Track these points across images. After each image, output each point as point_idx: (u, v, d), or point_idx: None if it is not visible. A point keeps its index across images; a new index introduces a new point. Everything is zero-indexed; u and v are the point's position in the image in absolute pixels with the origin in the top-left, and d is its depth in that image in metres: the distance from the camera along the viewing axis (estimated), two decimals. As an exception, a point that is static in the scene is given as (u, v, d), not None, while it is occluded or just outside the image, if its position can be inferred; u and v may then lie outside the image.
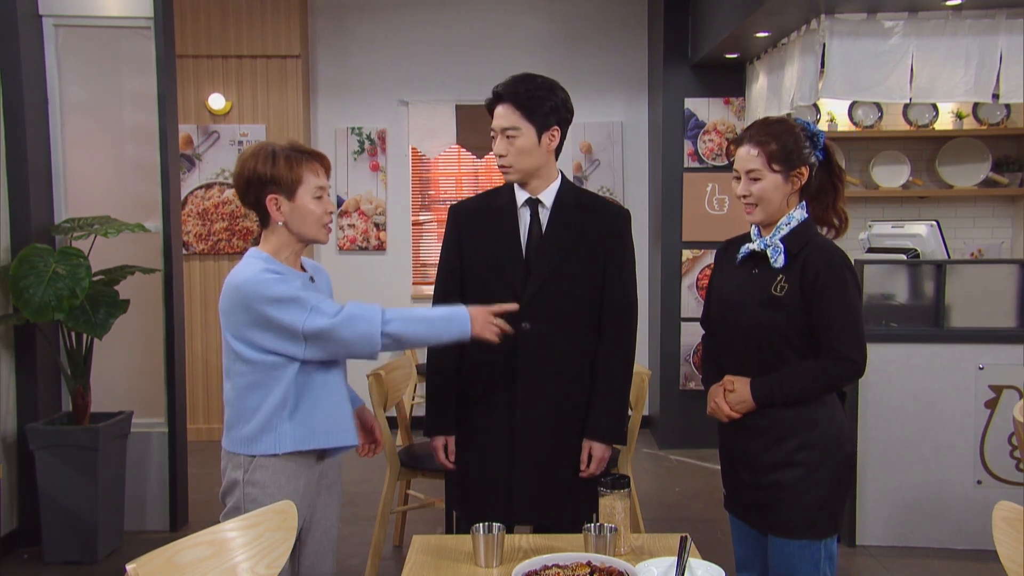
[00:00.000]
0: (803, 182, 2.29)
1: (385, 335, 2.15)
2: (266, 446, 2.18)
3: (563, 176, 2.58)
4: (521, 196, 2.54)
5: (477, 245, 2.56)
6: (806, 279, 2.23)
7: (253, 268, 2.17)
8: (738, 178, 2.32)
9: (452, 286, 2.59)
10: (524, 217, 2.53)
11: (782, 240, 2.28)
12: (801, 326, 2.24)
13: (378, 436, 2.54)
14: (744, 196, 2.30)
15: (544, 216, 2.53)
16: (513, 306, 2.31)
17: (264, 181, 2.20)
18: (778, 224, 2.29)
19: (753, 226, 2.37)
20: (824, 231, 2.38)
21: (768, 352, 2.27)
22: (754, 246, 2.32)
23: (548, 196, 2.53)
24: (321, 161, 2.27)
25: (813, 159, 2.31)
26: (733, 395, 2.31)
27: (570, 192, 2.57)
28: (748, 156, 2.28)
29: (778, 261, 2.26)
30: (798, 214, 2.30)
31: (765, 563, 2.39)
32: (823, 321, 2.22)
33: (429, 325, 2.22)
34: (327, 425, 2.23)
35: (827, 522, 2.27)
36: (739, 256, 2.37)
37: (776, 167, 2.26)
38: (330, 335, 2.12)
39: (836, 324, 2.22)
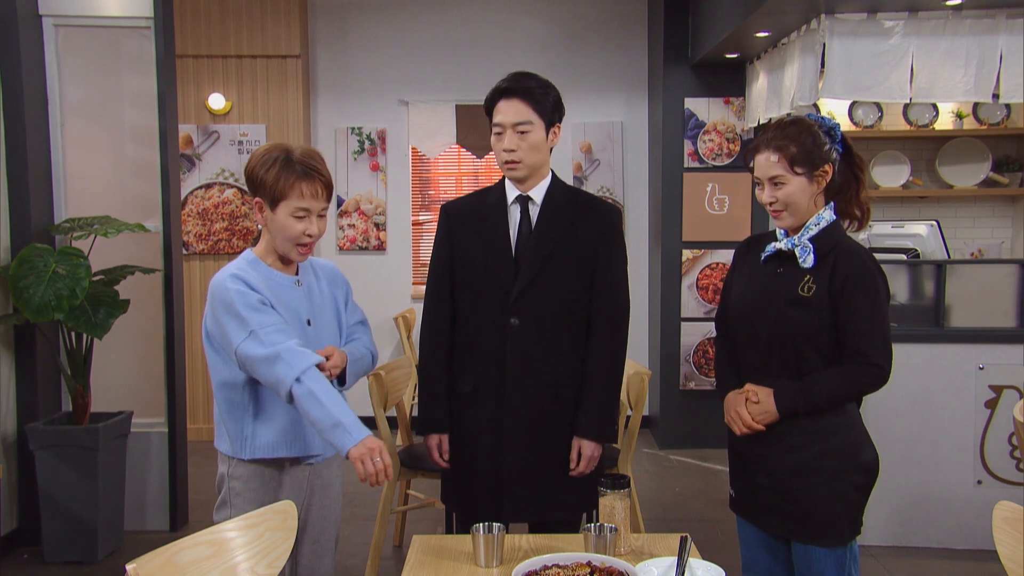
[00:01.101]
0: (828, 180, 2.26)
1: (293, 393, 2.09)
2: (235, 449, 2.25)
3: (553, 174, 2.57)
4: (512, 193, 2.53)
5: (468, 243, 2.55)
6: (835, 281, 2.19)
7: (228, 271, 2.21)
8: (761, 186, 2.29)
9: (443, 285, 2.58)
10: (514, 214, 2.53)
11: (811, 240, 2.24)
12: (827, 327, 2.21)
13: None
14: (771, 203, 2.27)
15: (534, 213, 2.52)
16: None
17: (254, 184, 2.22)
18: (806, 224, 2.26)
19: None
20: (845, 224, 2.34)
21: (791, 352, 2.24)
22: (781, 245, 2.28)
23: (538, 193, 2.52)
24: (321, 182, 2.19)
25: (834, 155, 2.27)
26: (757, 407, 2.27)
27: (560, 189, 2.56)
28: (768, 163, 2.24)
29: (807, 261, 2.23)
30: (827, 215, 2.26)
31: (773, 564, 2.39)
32: (851, 325, 2.19)
33: (323, 414, 2.06)
34: (286, 437, 2.25)
35: (849, 527, 2.25)
36: (764, 255, 2.32)
37: (799, 170, 2.22)
38: (253, 366, 2.12)
39: (864, 328, 2.18)
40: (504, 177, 2.57)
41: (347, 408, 2.11)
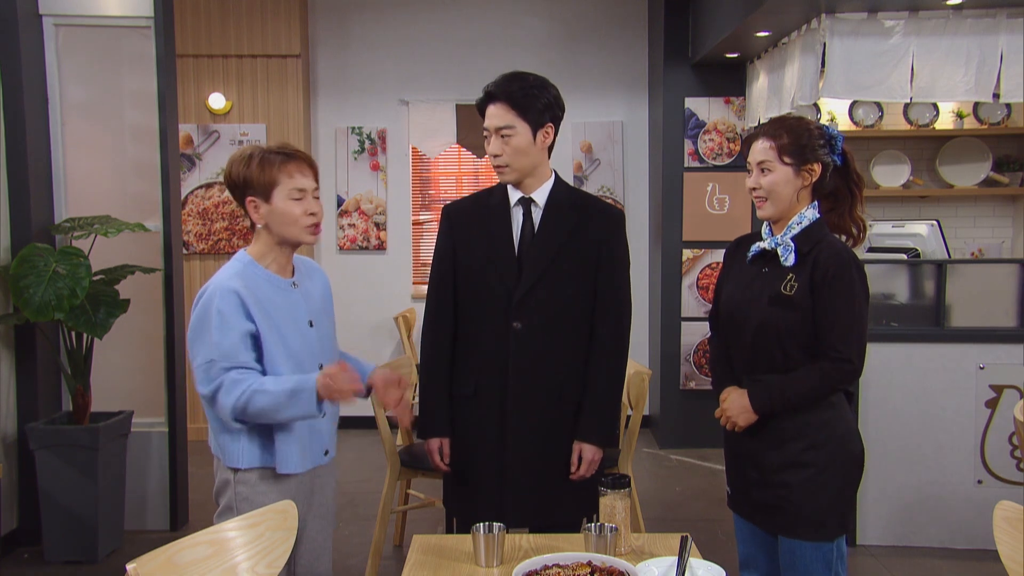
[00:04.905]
0: (814, 179, 2.28)
1: (235, 408, 2.09)
2: (229, 458, 2.20)
3: (556, 175, 2.56)
4: (514, 195, 2.52)
5: (470, 245, 2.55)
6: (815, 277, 2.22)
7: (228, 276, 2.16)
8: (751, 172, 2.32)
9: (446, 287, 2.57)
10: (517, 216, 2.52)
11: (793, 239, 2.27)
12: (811, 325, 2.23)
13: (403, 387, 2.37)
14: (754, 189, 2.30)
15: (537, 215, 2.51)
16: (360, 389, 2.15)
17: (240, 184, 2.19)
18: (789, 223, 2.29)
19: (764, 225, 2.36)
20: (843, 240, 2.35)
21: (777, 351, 2.26)
22: (764, 244, 2.32)
23: (541, 195, 2.51)
24: (305, 161, 2.21)
25: (828, 159, 2.30)
26: (734, 407, 2.30)
27: (563, 191, 2.55)
28: (760, 148, 2.28)
29: (788, 260, 2.25)
30: (810, 213, 2.29)
31: (769, 561, 2.39)
32: (826, 319, 2.21)
33: (273, 399, 2.08)
34: (276, 448, 2.20)
35: (837, 523, 2.26)
36: (749, 255, 2.36)
37: (787, 160, 2.26)
38: (208, 400, 2.13)
39: (839, 324, 2.21)
40: None
41: (287, 378, 2.12)
